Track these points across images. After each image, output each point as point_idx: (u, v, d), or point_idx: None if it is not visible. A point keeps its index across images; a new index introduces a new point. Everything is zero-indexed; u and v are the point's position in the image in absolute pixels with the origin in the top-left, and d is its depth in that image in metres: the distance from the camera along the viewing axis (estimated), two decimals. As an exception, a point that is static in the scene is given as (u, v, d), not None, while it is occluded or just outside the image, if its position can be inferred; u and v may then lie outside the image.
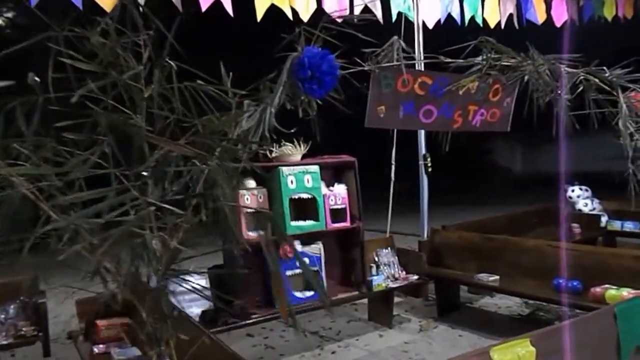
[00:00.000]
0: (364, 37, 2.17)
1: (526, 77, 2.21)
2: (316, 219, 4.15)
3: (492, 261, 4.75)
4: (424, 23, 4.44)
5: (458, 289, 5.12)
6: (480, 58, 2.28)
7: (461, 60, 2.25)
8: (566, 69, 2.49)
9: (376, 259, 4.84)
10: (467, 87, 2.66)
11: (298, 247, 4.09)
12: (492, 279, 4.60)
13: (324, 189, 4.33)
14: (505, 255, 4.68)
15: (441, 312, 4.97)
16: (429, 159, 5.31)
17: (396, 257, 4.92)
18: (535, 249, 4.49)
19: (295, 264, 4.09)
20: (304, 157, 4.26)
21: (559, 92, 2.38)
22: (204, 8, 4.00)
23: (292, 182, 4.03)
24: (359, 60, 2.19)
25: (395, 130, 5.51)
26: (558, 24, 5.07)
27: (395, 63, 2.19)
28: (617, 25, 5.85)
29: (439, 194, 6.27)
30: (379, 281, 4.48)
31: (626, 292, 3.76)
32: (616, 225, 6.39)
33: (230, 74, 1.99)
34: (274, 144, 4.11)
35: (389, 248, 4.92)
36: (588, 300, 3.88)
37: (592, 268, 4.11)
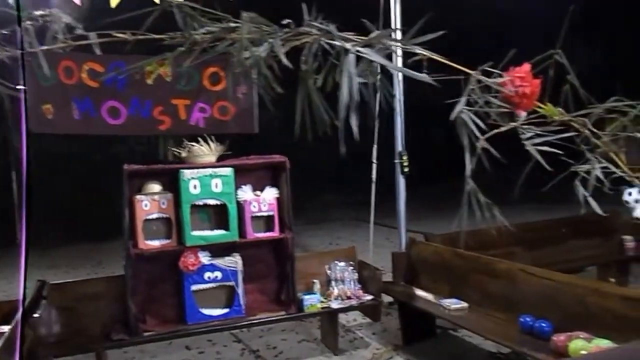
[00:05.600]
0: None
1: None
2: (227, 228, 3.65)
3: (464, 284, 3.85)
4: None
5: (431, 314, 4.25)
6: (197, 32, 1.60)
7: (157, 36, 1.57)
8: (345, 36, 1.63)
9: (329, 272, 4.20)
10: (156, 73, 1.97)
11: (205, 259, 3.63)
12: (458, 306, 3.73)
13: (248, 194, 3.81)
14: (475, 279, 3.75)
15: (407, 340, 4.17)
16: (405, 157, 4.48)
17: (355, 272, 4.23)
18: (506, 273, 3.52)
19: (204, 278, 3.66)
20: (225, 158, 3.78)
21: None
22: None
23: (195, 186, 3.57)
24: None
25: (377, 124, 4.76)
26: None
27: (55, 46, 1.63)
28: None
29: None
30: (313, 301, 3.85)
31: (596, 347, 2.73)
32: (683, 239, 4.91)
33: None
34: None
35: (346, 261, 4.23)
36: (550, 350, 2.91)
37: (568, 306, 3.08)
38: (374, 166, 4.85)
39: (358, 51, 1.40)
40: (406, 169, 4.53)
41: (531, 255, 4.84)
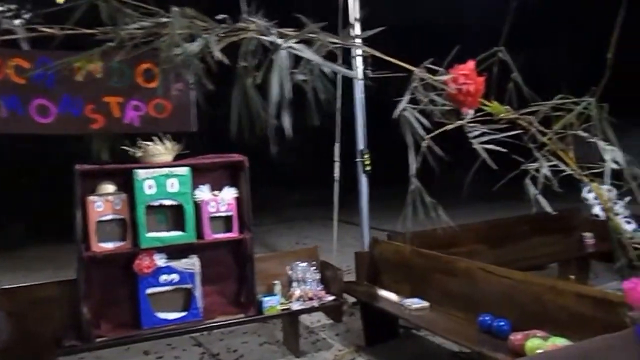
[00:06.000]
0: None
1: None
2: (184, 229, 3.56)
3: (425, 283, 3.84)
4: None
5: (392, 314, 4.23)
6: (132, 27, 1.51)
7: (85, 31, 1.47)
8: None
9: (290, 273, 4.14)
10: (85, 70, 1.91)
11: (161, 261, 3.53)
12: (419, 306, 3.71)
13: (205, 194, 3.71)
14: (436, 278, 3.75)
15: (370, 341, 4.14)
16: (366, 156, 4.46)
17: (317, 273, 4.18)
18: (465, 272, 3.52)
19: (160, 281, 3.55)
20: (182, 157, 3.67)
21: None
22: None
23: (150, 187, 3.46)
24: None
25: (339, 123, 4.75)
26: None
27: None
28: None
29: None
30: (272, 303, 3.79)
31: (552, 345, 2.75)
32: (642, 236, 4.99)
33: None
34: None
35: (308, 262, 4.18)
36: (508, 349, 2.92)
37: (525, 304, 3.10)
38: (337, 165, 4.83)
39: (290, 47, 1.34)
40: (368, 168, 4.50)
41: (494, 253, 4.89)
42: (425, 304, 3.72)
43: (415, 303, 3.74)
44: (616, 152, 1.61)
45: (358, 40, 2.16)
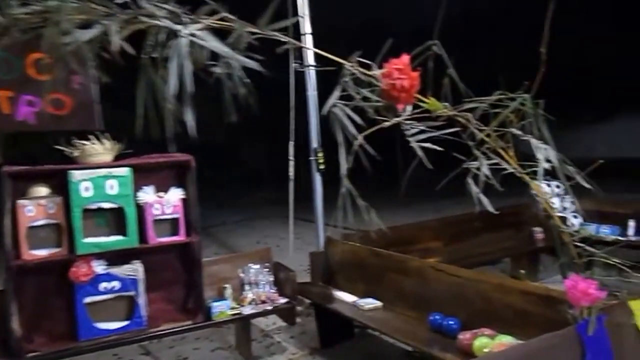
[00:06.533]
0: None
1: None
2: (125, 233, 3.38)
3: (379, 283, 3.78)
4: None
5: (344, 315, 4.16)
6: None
7: None
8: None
9: (242, 276, 4.01)
10: None
11: (100, 268, 3.34)
12: (372, 306, 3.66)
13: (149, 196, 3.54)
14: (389, 277, 3.69)
15: (324, 343, 4.06)
16: (320, 154, 4.37)
17: (271, 275, 4.06)
18: (417, 271, 3.48)
19: (99, 289, 3.36)
20: (124, 157, 3.48)
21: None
22: None
23: (87, 189, 3.27)
24: None
25: (293, 122, 4.65)
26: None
27: None
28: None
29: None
30: (222, 308, 3.65)
31: (499, 343, 2.73)
32: (590, 229, 5.09)
33: None
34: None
35: (261, 264, 4.06)
36: (456, 348, 2.89)
37: (474, 303, 3.07)
38: (291, 164, 4.73)
39: (192, 35, 1.22)
40: (321, 166, 4.42)
41: (449, 250, 4.89)
42: (379, 303, 3.67)
43: (369, 303, 3.68)
44: (549, 151, 1.56)
45: (309, 38, 2.06)
